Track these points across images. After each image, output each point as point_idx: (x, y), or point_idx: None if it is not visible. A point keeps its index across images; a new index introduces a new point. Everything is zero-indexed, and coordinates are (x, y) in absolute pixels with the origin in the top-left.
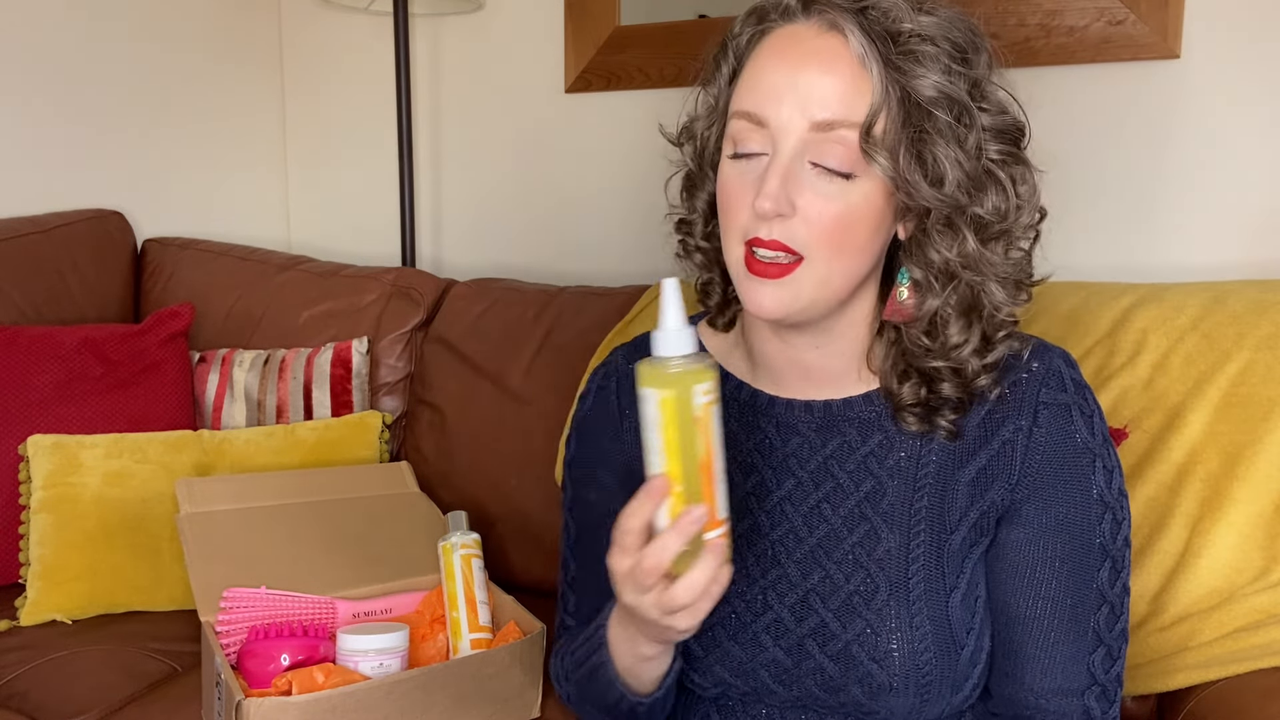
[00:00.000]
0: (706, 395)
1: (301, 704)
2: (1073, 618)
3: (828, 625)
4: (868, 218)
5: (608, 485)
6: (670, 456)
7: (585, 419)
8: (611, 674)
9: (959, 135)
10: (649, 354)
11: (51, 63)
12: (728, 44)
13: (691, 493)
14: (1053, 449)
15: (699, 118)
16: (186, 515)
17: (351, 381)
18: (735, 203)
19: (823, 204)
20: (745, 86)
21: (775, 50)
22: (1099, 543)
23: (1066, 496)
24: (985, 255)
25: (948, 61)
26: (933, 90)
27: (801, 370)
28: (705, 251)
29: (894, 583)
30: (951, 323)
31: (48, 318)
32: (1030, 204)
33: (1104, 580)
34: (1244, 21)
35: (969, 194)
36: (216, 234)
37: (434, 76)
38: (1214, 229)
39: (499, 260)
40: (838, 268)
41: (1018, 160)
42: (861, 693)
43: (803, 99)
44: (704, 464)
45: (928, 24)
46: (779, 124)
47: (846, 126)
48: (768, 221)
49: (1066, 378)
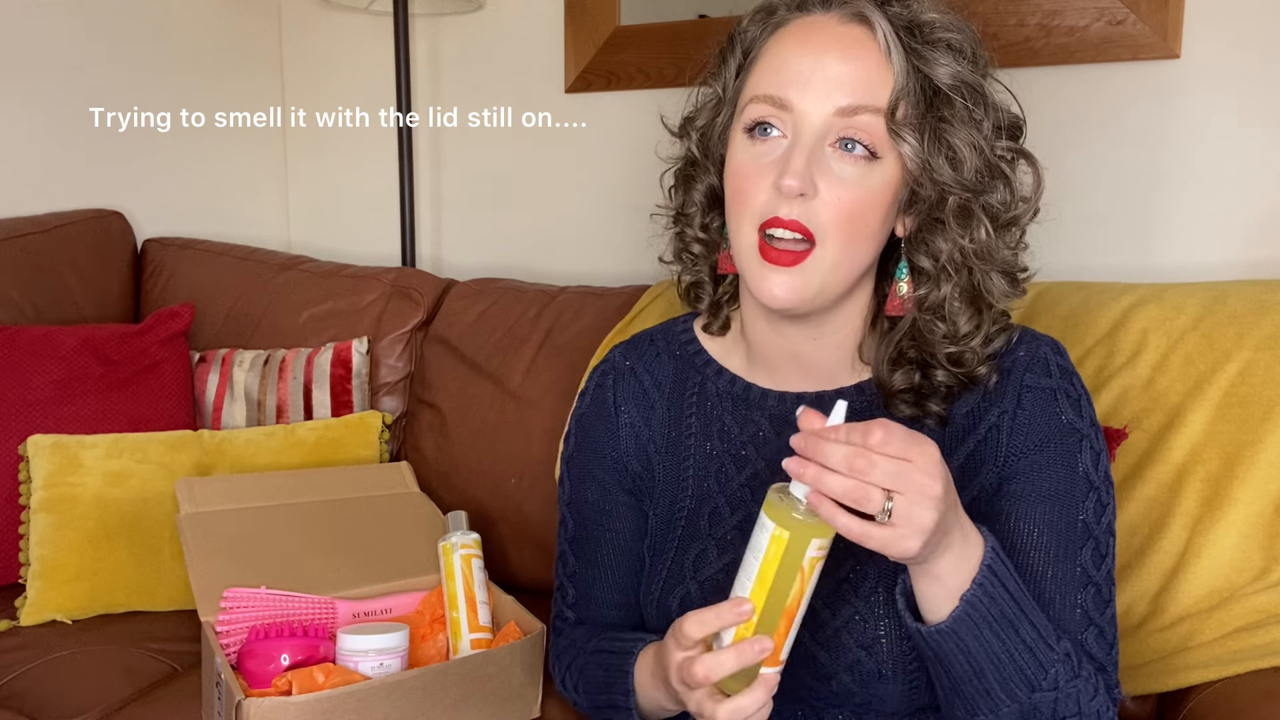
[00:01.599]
0: (819, 551)
1: (301, 704)
2: (1056, 590)
3: (818, 612)
4: (882, 204)
5: (604, 483)
6: (759, 589)
7: (583, 416)
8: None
9: (976, 121)
10: (650, 344)
11: (51, 62)
12: (735, 38)
13: (764, 627)
14: (1037, 428)
15: (703, 109)
16: (186, 515)
17: (351, 381)
18: (752, 184)
19: (843, 188)
20: (765, 71)
21: (798, 37)
22: (1082, 520)
23: (1050, 471)
24: (994, 245)
25: (965, 52)
26: (951, 79)
27: (797, 362)
28: (703, 242)
29: (882, 570)
30: (960, 313)
31: (48, 318)
32: (1034, 197)
33: (1087, 560)
34: (1244, 21)
35: (984, 182)
36: (216, 234)
37: (434, 76)
38: (1214, 229)
39: (499, 260)
40: (848, 254)
41: (1022, 155)
42: (851, 680)
43: (827, 85)
44: (789, 610)
45: (945, 20)
46: (803, 108)
47: (870, 111)
48: (789, 201)
49: (1052, 364)
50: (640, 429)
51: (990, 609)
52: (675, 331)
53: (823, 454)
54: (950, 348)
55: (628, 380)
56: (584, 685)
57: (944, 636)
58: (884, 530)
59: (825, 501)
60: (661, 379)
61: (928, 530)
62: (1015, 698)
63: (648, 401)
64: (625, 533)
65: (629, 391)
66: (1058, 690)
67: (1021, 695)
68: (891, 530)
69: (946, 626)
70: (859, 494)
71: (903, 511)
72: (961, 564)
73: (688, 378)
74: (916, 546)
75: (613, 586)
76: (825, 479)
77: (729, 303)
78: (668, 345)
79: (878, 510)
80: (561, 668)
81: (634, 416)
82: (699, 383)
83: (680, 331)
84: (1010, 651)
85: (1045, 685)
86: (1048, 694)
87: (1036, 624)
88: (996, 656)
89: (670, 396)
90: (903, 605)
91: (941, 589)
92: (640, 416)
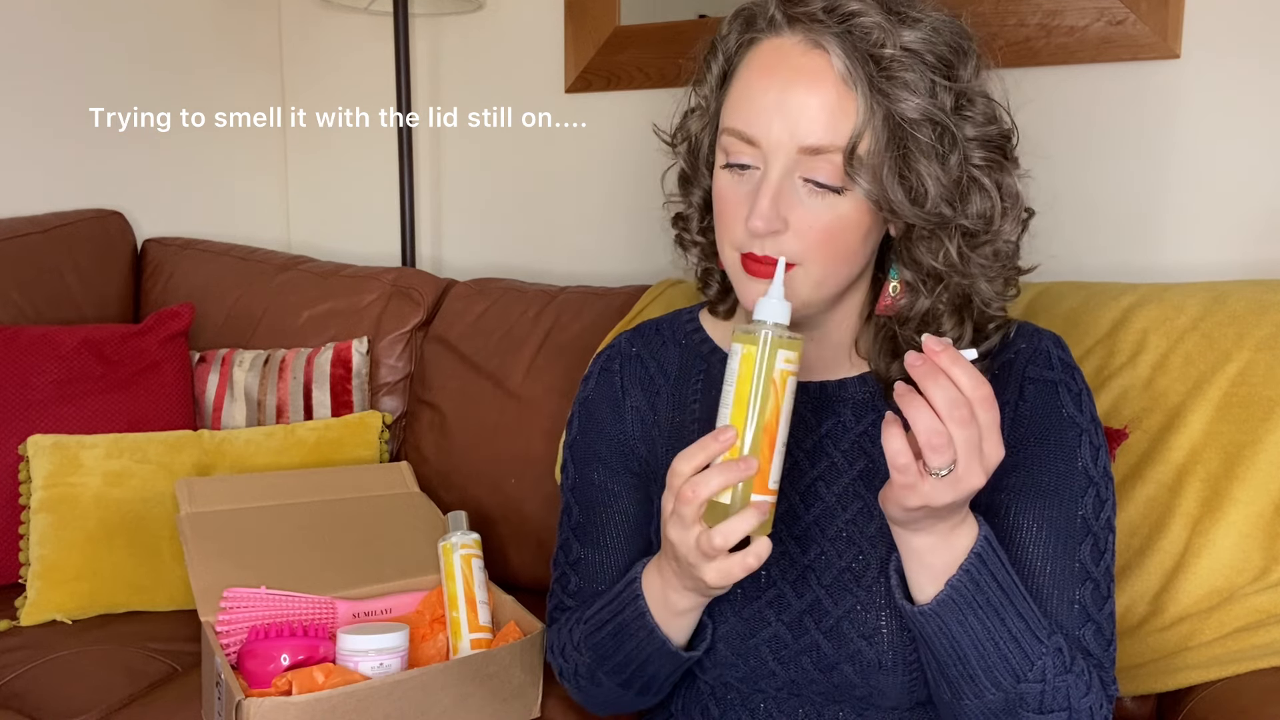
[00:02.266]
0: (789, 364)
1: (301, 704)
2: (1054, 585)
3: (821, 602)
4: (857, 226)
5: (610, 464)
6: (738, 410)
7: (588, 400)
8: (650, 622)
9: (940, 153)
10: (656, 333)
11: (51, 62)
12: (717, 45)
13: (750, 449)
14: (1038, 420)
15: (691, 119)
16: (186, 515)
17: (351, 381)
18: (730, 214)
19: (813, 218)
20: (735, 102)
21: (763, 67)
22: (1081, 515)
23: (1050, 465)
24: (972, 259)
25: (932, 78)
26: (915, 112)
27: None
28: (702, 245)
29: (884, 560)
30: (944, 320)
31: (48, 318)
32: (1015, 208)
33: (1086, 556)
34: (1244, 21)
35: (952, 206)
36: (216, 234)
37: (434, 76)
38: (1214, 229)
39: (499, 260)
40: (831, 272)
41: (1001, 167)
42: (853, 671)
43: (792, 121)
44: (768, 426)
45: (911, 40)
46: (769, 144)
47: (832, 150)
48: (760, 239)
49: (1054, 357)
50: (645, 413)
51: (976, 596)
52: (681, 320)
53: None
54: None
55: (634, 365)
56: (586, 632)
57: (927, 618)
58: (925, 483)
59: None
60: (667, 365)
61: (955, 502)
62: (1000, 686)
63: (653, 387)
64: (631, 514)
65: (635, 376)
66: (1044, 683)
67: (1006, 684)
68: (929, 487)
69: (930, 608)
70: (940, 441)
71: (951, 476)
72: (947, 547)
73: (693, 364)
74: (942, 502)
75: (620, 571)
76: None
77: None
78: (673, 333)
79: (939, 467)
80: (560, 640)
81: (640, 400)
82: (704, 369)
83: (686, 320)
84: (995, 640)
85: (1031, 677)
86: (1034, 685)
87: (1025, 616)
88: (980, 643)
89: (676, 382)
90: (895, 582)
91: (928, 572)
92: (646, 401)
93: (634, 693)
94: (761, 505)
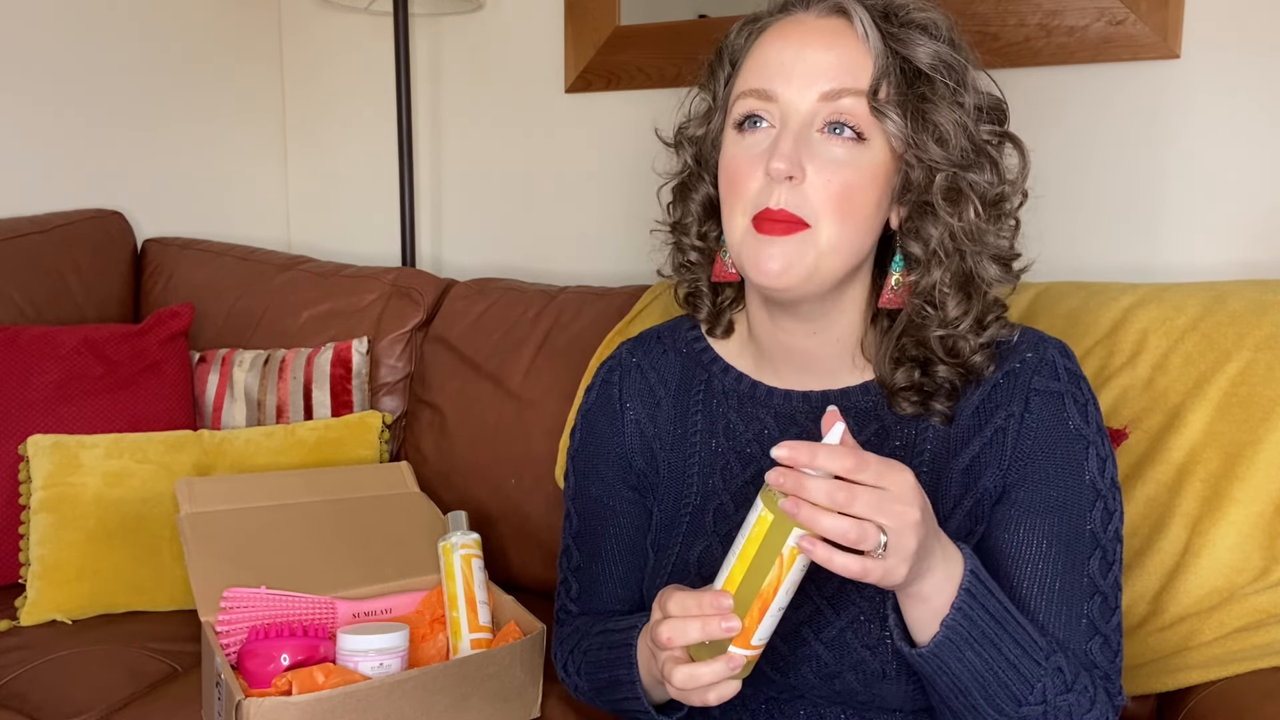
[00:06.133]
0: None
1: (301, 704)
2: (1063, 601)
3: (822, 612)
4: (874, 184)
5: (608, 478)
6: (739, 567)
7: (589, 412)
8: (639, 690)
9: (959, 100)
10: (657, 341)
11: (51, 62)
12: (723, 49)
13: (738, 609)
14: (1044, 433)
15: (695, 118)
16: (186, 515)
17: (351, 381)
18: (744, 174)
19: (832, 170)
20: (750, 69)
21: (779, 34)
22: (1089, 529)
23: (1058, 479)
24: (984, 228)
25: (940, 42)
26: (930, 58)
27: (798, 359)
28: (700, 250)
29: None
30: (950, 298)
31: (48, 318)
32: (1020, 179)
33: (1094, 570)
34: (1244, 21)
35: (970, 160)
36: (216, 234)
37: (434, 76)
38: (1214, 229)
39: (499, 260)
40: (844, 235)
41: (1006, 138)
42: (856, 679)
43: (809, 73)
44: (763, 594)
45: (919, 2)
46: (787, 97)
47: (853, 94)
48: (779, 188)
49: (1060, 367)
50: (645, 425)
51: (970, 630)
52: (682, 330)
53: (806, 490)
54: (940, 330)
55: (633, 376)
56: (586, 667)
57: (925, 660)
58: (879, 564)
59: (819, 544)
60: (668, 376)
61: (911, 556)
62: (1002, 712)
63: (653, 398)
64: (629, 528)
65: (635, 388)
66: (1045, 704)
67: (1009, 710)
68: (884, 563)
69: (928, 651)
70: (856, 534)
71: (890, 542)
72: (945, 584)
73: (694, 375)
74: (904, 573)
75: (617, 581)
76: (819, 520)
77: (731, 306)
78: (674, 343)
79: (874, 546)
80: (564, 653)
81: (639, 412)
82: (705, 380)
83: (687, 330)
84: (994, 669)
85: (1033, 699)
86: (1035, 708)
87: (1021, 640)
88: (980, 675)
89: (676, 393)
90: (894, 621)
91: (927, 609)
92: (645, 413)
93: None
94: (736, 659)
